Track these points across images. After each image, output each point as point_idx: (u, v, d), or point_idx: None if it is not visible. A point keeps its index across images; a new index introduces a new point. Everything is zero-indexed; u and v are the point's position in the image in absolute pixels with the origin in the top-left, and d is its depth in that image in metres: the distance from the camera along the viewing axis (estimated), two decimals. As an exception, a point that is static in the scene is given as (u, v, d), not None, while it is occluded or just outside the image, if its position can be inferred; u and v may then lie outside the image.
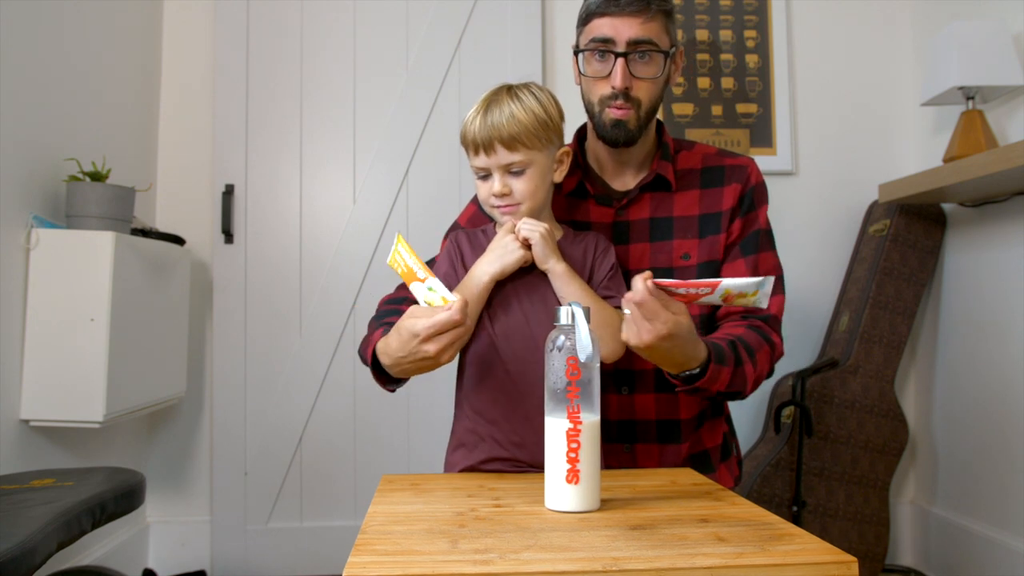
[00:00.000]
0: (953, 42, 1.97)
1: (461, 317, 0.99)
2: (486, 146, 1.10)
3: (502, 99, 1.11)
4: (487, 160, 1.11)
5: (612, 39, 1.20)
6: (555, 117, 1.14)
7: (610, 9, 1.20)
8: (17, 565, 0.95)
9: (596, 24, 1.22)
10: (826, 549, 0.74)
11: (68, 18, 1.83)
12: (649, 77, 1.22)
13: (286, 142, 2.30)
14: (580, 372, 0.87)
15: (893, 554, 2.33)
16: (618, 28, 1.19)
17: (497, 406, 1.13)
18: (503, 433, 1.12)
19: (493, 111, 1.10)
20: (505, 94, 1.12)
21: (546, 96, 1.14)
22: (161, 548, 2.24)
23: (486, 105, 1.12)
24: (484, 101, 1.13)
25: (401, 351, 1.05)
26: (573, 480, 0.87)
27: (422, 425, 2.28)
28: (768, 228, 1.31)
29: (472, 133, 1.11)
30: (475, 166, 1.14)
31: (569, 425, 0.87)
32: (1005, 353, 2.00)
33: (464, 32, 2.34)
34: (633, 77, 1.21)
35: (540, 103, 1.12)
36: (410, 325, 1.02)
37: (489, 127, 1.09)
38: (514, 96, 1.12)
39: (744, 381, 1.14)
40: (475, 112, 1.12)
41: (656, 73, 1.22)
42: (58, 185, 1.75)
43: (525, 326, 1.12)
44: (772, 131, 2.43)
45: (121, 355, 1.70)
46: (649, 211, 1.29)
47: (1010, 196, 1.99)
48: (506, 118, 1.09)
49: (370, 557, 0.72)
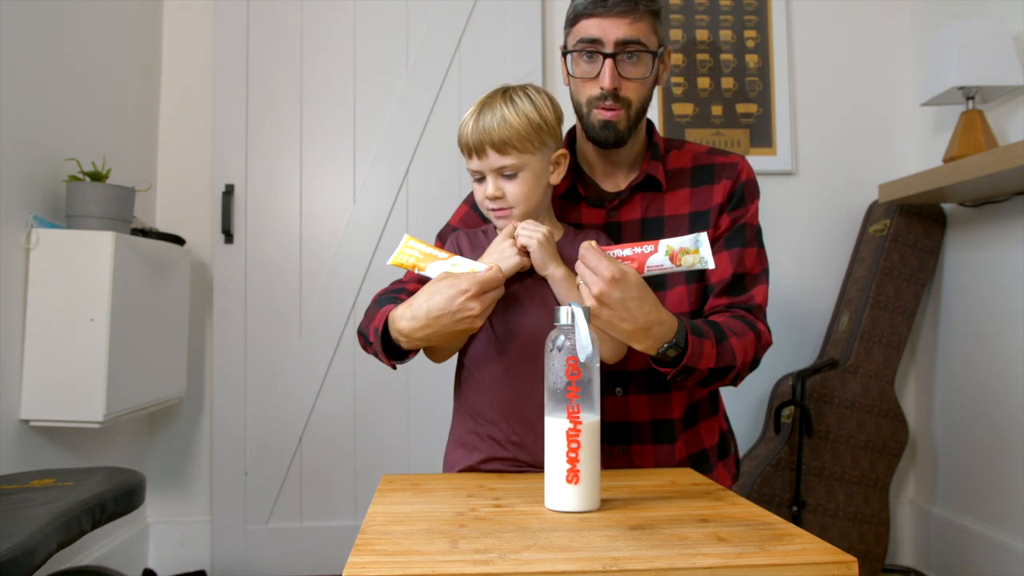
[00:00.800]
0: (953, 42, 1.97)
1: (502, 276, 1.05)
2: (478, 150, 1.10)
3: (495, 102, 1.11)
4: (479, 163, 1.12)
5: (600, 40, 1.20)
6: (550, 120, 1.13)
7: (597, 10, 1.20)
8: (17, 565, 0.95)
9: (584, 25, 1.22)
10: (826, 549, 0.74)
11: (68, 18, 1.83)
12: (638, 77, 1.22)
13: (286, 142, 2.30)
14: (580, 372, 0.87)
15: (893, 554, 2.33)
16: (606, 29, 1.20)
17: (496, 407, 1.13)
18: (503, 433, 1.12)
19: (485, 114, 1.10)
20: (499, 97, 1.12)
21: (542, 98, 1.14)
22: (161, 548, 2.24)
23: (480, 108, 1.12)
24: (479, 104, 1.13)
25: (442, 309, 1.04)
26: (573, 480, 0.87)
27: (422, 425, 2.28)
28: (756, 224, 1.30)
29: (465, 136, 1.12)
30: (470, 168, 1.14)
31: (569, 425, 0.87)
32: (1005, 353, 2.00)
33: (464, 32, 2.34)
34: (622, 78, 1.21)
35: (534, 106, 1.12)
36: (452, 283, 1.04)
37: (480, 131, 1.09)
38: (508, 99, 1.11)
39: (732, 355, 1.13)
40: (469, 115, 1.12)
41: (645, 73, 1.22)
42: (58, 185, 1.75)
43: (525, 327, 1.12)
44: (772, 131, 2.43)
45: (121, 355, 1.70)
46: (640, 211, 1.29)
47: (1010, 196, 1.99)
48: (497, 122, 1.09)
49: (370, 557, 0.72)
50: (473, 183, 1.16)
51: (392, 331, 1.13)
